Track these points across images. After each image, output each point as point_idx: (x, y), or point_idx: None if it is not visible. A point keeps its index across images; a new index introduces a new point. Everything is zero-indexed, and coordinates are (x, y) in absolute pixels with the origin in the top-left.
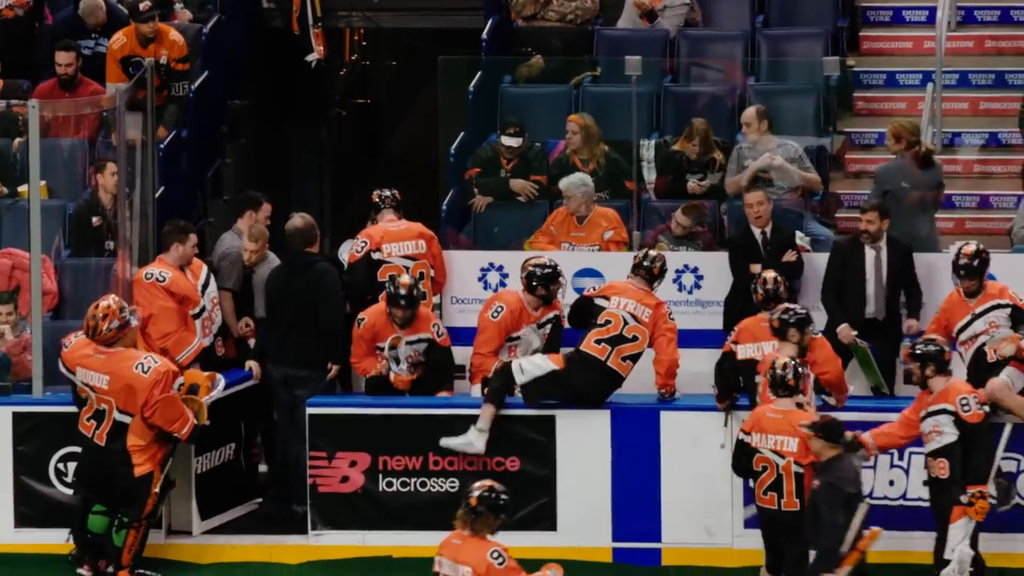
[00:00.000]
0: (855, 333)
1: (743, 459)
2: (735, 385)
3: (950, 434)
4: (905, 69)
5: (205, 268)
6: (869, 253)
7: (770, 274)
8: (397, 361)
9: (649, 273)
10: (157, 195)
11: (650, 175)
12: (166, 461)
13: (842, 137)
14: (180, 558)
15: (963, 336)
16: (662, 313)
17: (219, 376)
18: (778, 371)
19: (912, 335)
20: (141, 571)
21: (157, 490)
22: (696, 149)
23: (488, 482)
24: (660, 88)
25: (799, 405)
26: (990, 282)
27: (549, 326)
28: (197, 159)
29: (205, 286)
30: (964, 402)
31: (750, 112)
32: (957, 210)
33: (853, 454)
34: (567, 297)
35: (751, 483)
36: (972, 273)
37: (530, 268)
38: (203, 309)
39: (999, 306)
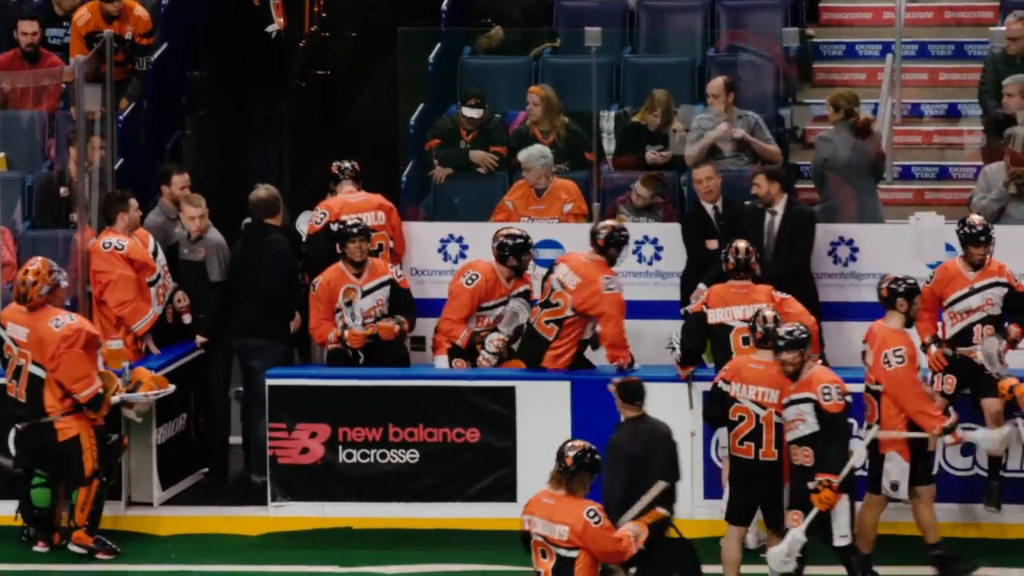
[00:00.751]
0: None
1: (716, 408)
2: (701, 348)
3: (812, 423)
4: (864, 40)
5: (151, 236)
6: (766, 219)
7: (741, 243)
8: (353, 316)
9: (594, 243)
10: (116, 167)
11: (610, 146)
12: (104, 428)
13: (802, 108)
14: (141, 529)
15: (956, 308)
16: (594, 288)
17: (170, 387)
18: (768, 324)
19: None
20: (101, 538)
21: (92, 452)
22: (657, 120)
23: (581, 442)
24: (620, 59)
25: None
26: (990, 258)
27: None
28: (156, 130)
29: (155, 254)
30: (826, 391)
31: (717, 83)
32: (916, 181)
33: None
34: (535, 271)
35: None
36: (988, 241)
37: (501, 239)
38: (158, 276)
39: (997, 284)
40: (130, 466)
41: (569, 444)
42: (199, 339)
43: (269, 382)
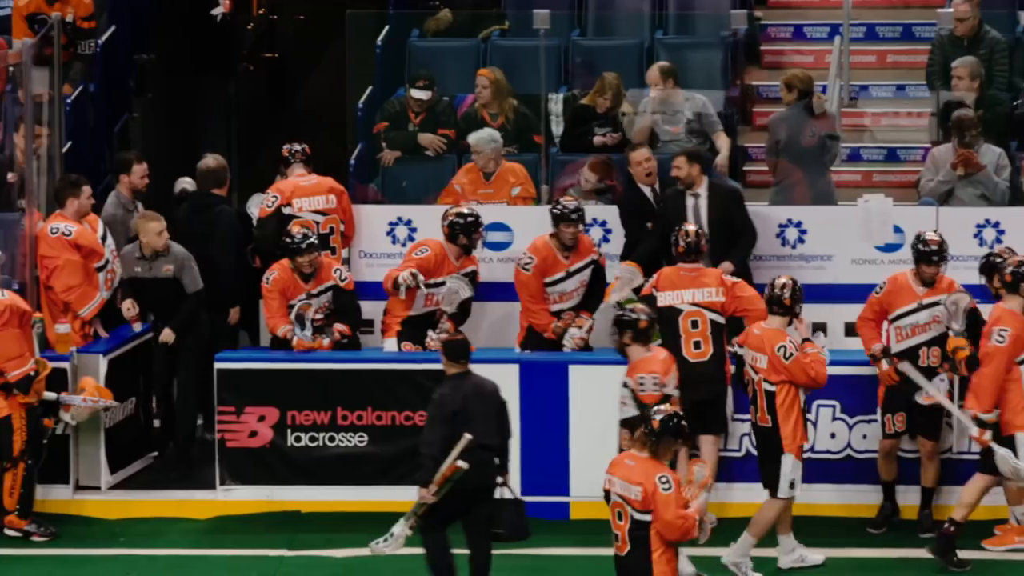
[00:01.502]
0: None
1: (739, 370)
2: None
3: (631, 408)
4: (812, 22)
5: (100, 221)
6: (689, 201)
7: (691, 227)
8: (303, 327)
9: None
10: (64, 150)
11: (558, 129)
12: (34, 409)
13: (749, 90)
14: (89, 513)
15: (902, 323)
16: (516, 269)
17: (112, 402)
18: (775, 290)
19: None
20: (36, 520)
21: (22, 433)
22: (607, 103)
23: (669, 407)
24: (568, 42)
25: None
26: (941, 274)
27: (457, 275)
28: (104, 114)
29: (104, 238)
30: (640, 381)
31: (653, 72)
32: (864, 163)
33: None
34: (483, 252)
35: None
36: (942, 259)
37: (451, 217)
38: (106, 262)
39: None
40: (78, 450)
41: (656, 408)
42: (166, 335)
43: (217, 365)
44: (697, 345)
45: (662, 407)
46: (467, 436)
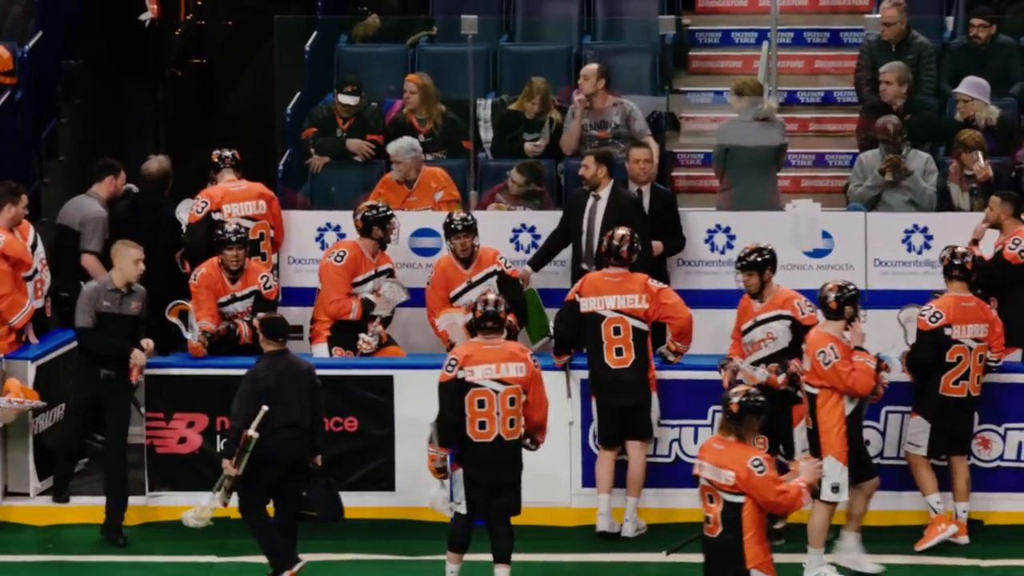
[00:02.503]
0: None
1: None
2: (574, 336)
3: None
4: (740, 28)
5: (32, 229)
6: (588, 202)
7: (620, 230)
8: (186, 326)
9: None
10: None
11: (487, 134)
12: None
13: (678, 96)
14: (17, 520)
15: (745, 339)
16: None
17: (39, 402)
18: (823, 292)
19: None
20: None
21: None
22: (535, 108)
23: (743, 387)
24: (496, 47)
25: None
26: (782, 289)
27: (384, 277)
28: (32, 119)
29: (34, 247)
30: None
31: (591, 67)
32: (793, 168)
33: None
34: (406, 257)
35: None
36: (747, 267)
37: (363, 212)
38: (35, 272)
39: (780, 317)
40: (7, 457)
41: (734, 390)
42: (148, 344)
43: (146, 371)
44: (619, 352)
45: (737, 388)
46: (264, 408)
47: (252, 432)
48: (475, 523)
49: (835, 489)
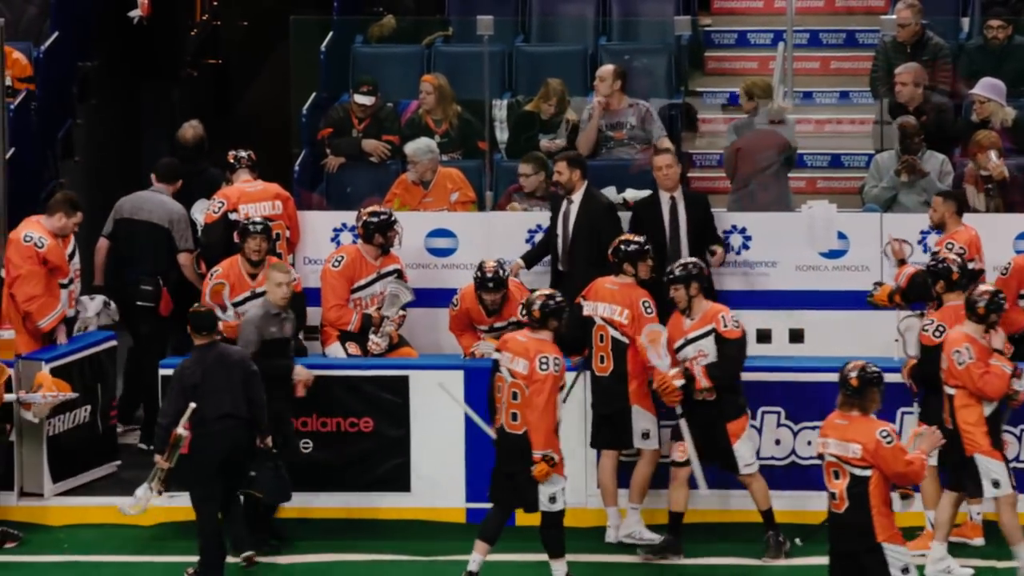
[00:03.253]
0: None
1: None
2: (579, 337)
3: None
4: (756, 28)
5: (73, 239)
6: (562, 206)
7: (631, 238)
8: (224, 309)
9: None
10: (8, 156)
11: (503, 135)
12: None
13: (694, 97)
14: (32, 520)
15: (679, 356)
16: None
17: (72, 393)
18: (972, 296)
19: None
20: (3, 528)
21: None
22: (552, 109)
23: (860, 361)
24: (512, 48)
25: None
26: (709, 303)
27: (392, 278)
28: (47, 120)
29: (72, 256)
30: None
31: (607, 68)
32: (808, 169)
33: None
34: (421, 258)
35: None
36: (674, 281)
37: (365, 218)
38: (71, 280)
39: (709, 333)
40: (22, 457)
41: (850, 365)
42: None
43: (161, 372)
44: (601, 359)
45: (854, 364)
46: (192, 405)
47: (180, 430)
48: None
49: (996, 484)
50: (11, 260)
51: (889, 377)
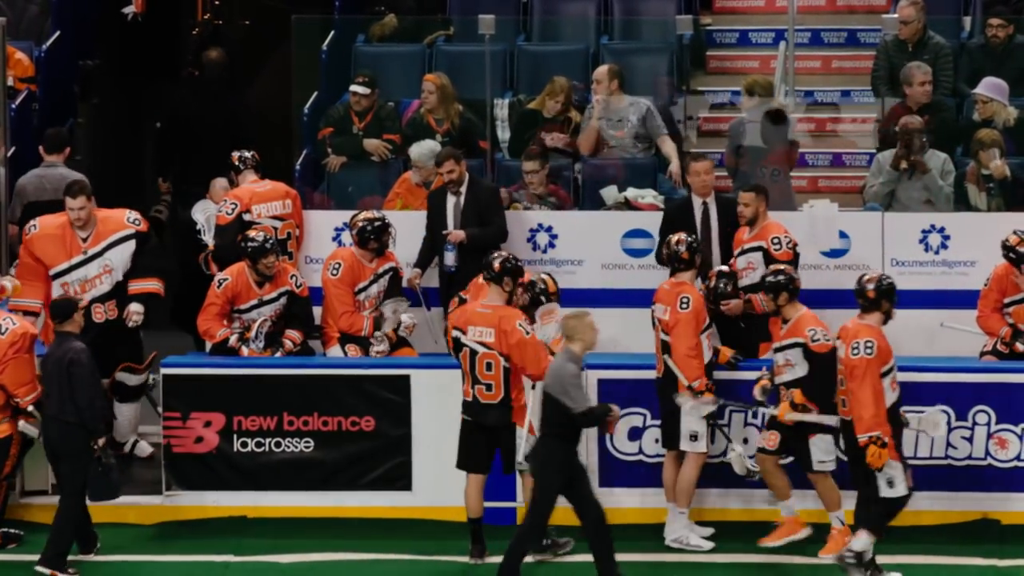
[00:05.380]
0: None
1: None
2: None
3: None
4: (758, 28)
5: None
6: (450, 200)
7: (676, 236)
8: (256, 338)
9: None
10: (9, 154)
11: (504, 134)
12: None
13: (695, 96)
14: (35, 519)
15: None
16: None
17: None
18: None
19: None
20: (5, 529)
21: (14, 459)
22: (558, 107)
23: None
24: (513, 47)
25: None
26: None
27: (387, 277)
28: (49, 119)
29: None
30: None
31: (601, 70)
32: (810, 168)
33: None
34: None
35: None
36: (490, 278)
37: (360, 224)
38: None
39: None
40: (24, 455)
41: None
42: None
43: (163, 371)
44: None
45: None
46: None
47: (21, 423)
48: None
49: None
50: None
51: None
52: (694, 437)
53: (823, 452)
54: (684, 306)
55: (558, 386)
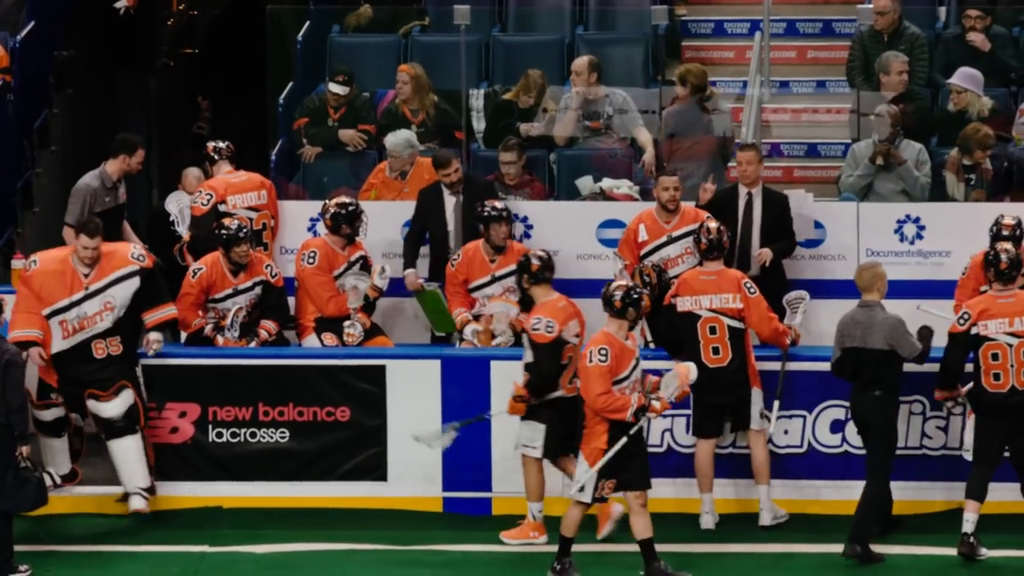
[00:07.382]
0: (421, 279)
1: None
2: (676, 338)
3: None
4: (733, 18)
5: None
6: (451, 200)
7: (713, 223)
8: (231, 327)
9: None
10: None
11: (480, 125)
12: None
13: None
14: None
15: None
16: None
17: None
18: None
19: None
20: None
21: None
22: (531, 101)
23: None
24: (489, 38)
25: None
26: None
27: (358, 265)
28: (24, 110)
29: None
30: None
31: (581, 62)
32: (785, 158)
33: None
34: (399, 247)
35: None
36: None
37: (333, 209)
38: None
39: None
40: None
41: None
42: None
43: (143, 362)
44: (715, 351)
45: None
46: None
47: None
48: None
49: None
50: None
51: None
52: (764, 416)
53: (528, 437)
54: (752, 291)
55: (893, 337)
